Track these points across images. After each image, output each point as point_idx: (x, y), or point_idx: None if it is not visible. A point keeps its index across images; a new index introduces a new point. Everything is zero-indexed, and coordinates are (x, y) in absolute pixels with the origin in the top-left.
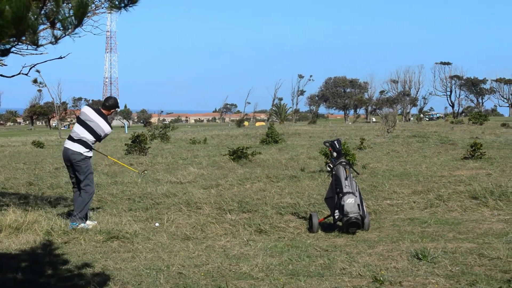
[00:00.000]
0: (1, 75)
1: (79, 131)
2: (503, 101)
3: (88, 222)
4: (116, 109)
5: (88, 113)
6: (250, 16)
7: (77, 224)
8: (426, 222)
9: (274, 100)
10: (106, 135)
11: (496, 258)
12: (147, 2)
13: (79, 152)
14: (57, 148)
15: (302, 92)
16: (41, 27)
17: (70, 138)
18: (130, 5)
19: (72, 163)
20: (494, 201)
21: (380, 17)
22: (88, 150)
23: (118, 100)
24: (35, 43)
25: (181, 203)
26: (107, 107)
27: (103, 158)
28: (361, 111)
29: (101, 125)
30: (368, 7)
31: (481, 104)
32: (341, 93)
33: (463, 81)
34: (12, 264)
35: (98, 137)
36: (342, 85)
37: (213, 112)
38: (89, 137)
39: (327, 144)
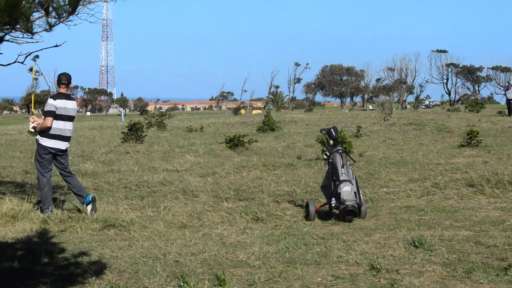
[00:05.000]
0: None
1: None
2: (500, 88)
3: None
4: (61, 81)
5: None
6: (246, 4)
7: (89, 200)
8: (422, 210)
9: (270, 88)
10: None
11: (493, 246)
12: None
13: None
14: None
15: (298, 80)
16: (36, 15)
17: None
18: None
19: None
20: (490, 189)
21: (376, 5)
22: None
23: (61, 75)
24: (30, 31)
25: (177, 191)
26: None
27: (99, 146)
28: (358, 99)
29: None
30: None
31: (477, 91)
32: (337, 81)
33: (459, 69)
34: (8, 253)
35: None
36: (338, 73)
37: (210, 100)
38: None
39: (323, 132)
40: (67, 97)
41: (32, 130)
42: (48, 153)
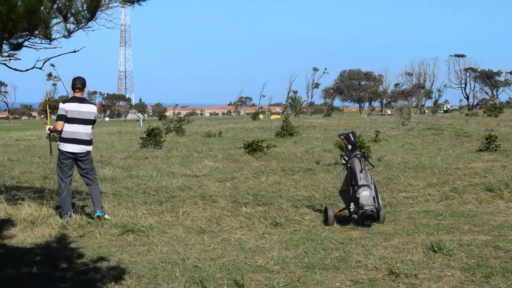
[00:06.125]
0: (16, 69)
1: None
2: None
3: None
4: (75, 86)
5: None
6: (264, 9)
7: (103, 213)
8: (441, 215)
9: (289, 93)
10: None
11: None
12: None
13: (88, 150)
14: None
15: (317, 85)
16: (54, 21)
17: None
18: None
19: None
20: (509, 193)
21: (394, 10)
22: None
23: (75, 80)
24: (48, 37)
25: (196, 196)
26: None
27: (117, 151)
28: (376, 104)
29: (94, 110)
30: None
31: (495, 96)
32: (356, 86)
33: (477, 74)
34: (27, 258)
35: (94, 122)
36: (357, 77)
37: (228, 105)
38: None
39: (342, 136)
40: (81, 100)
41: (48, 131)
42: (66, 158)
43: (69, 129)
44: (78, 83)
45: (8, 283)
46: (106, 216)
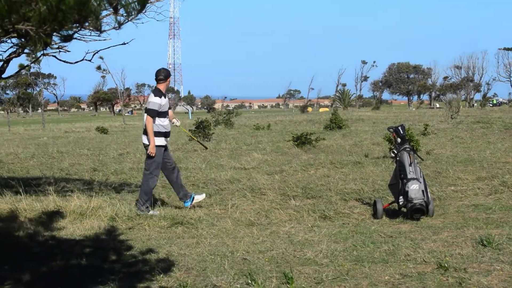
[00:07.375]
0: (65, 61)
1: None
2: None
3: (151, 212)
4: (160, 78)
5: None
6: (313, 2)
7: (143, 213)
8: (490, 209)
9: (337, 86)
10: (151, 104)
11: None
12: None
13: (143, 142)
14: (121, 134)
15: (365, 78)
16: (104, 13)
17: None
18: None
19: None
20: None
21: (443, 3)
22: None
23: (161, 70)
24: (98, 29)
25: (245, 189)
26: (156, 80)
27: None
28: (425, 97)
29: (149, 99)
30: None
31: None
32: (404, 79)
33: None
34: (76, 250)
35: (147, 111)
36: (405, 71)
37: (277, 98)
38: (144, 121)
39: (391, 130)
40: (153, 91)
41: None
42: None
43: None
44: (159, 75)
45: (57, 274)
46: (151, 212)
